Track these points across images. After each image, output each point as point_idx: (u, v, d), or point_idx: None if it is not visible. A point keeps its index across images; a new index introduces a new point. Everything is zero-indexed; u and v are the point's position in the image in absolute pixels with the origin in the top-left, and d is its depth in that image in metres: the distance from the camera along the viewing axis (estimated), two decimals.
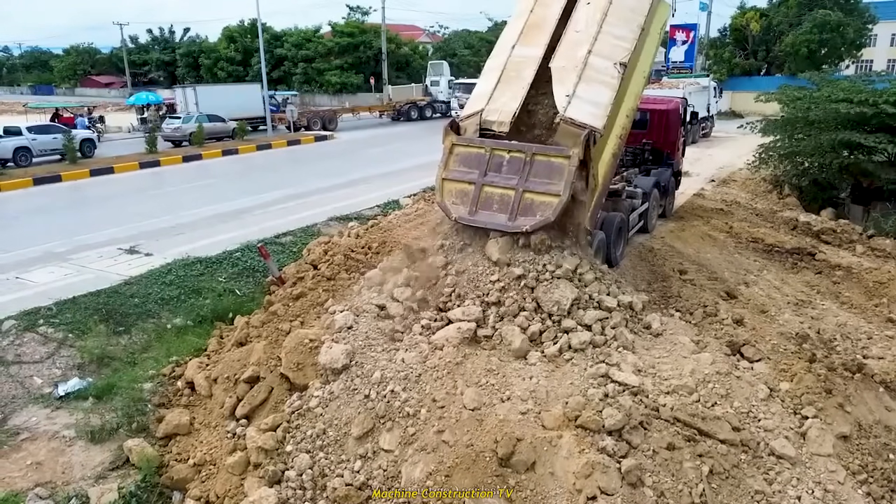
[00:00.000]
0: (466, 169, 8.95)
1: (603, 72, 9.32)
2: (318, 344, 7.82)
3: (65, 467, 7.51)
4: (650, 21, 10.30)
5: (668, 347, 7.92)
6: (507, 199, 8.55)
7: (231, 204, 17.82)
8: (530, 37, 9.89)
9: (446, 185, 9.00)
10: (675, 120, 14.72)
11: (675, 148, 14.96)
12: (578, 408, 6.59)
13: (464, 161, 9.03)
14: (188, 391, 8.86)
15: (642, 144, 14.15)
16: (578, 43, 9.52)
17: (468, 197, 8.76)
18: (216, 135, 31.34)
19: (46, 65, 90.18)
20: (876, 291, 11.34)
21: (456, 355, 7.32)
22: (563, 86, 9.09)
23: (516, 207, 8.44)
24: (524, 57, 9.67)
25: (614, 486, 5.88)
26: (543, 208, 8.34)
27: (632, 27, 9.89)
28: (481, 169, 8.80)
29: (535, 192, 8.45)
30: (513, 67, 9.63)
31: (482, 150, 8.91)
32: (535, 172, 8.53)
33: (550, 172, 8.46)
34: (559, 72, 9.27)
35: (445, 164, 9.08)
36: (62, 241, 14.31)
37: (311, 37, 59.40)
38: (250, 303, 11.26)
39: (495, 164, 8.79)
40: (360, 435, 6.80)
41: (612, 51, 9.51)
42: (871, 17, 44.54)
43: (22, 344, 9.43)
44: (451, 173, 9.02)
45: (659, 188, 13.71)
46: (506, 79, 9.53)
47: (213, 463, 7.41)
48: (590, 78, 9.19)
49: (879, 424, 7.22)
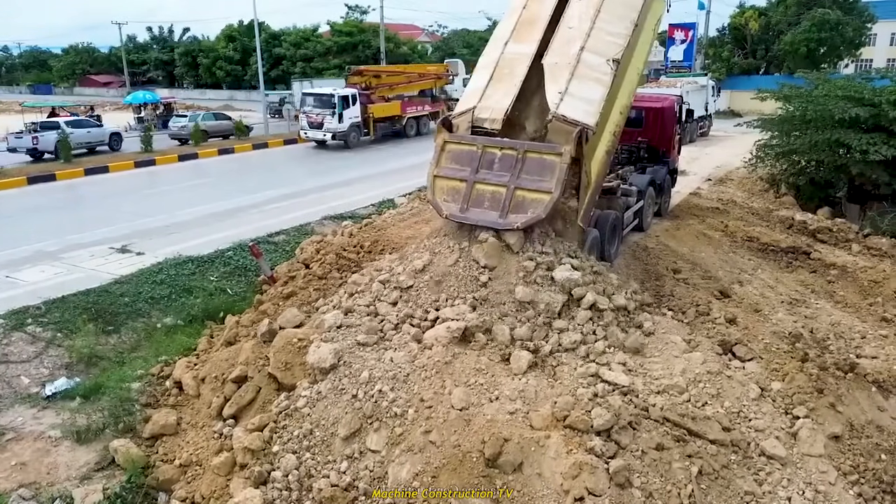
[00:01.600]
0: (458, 166, 8.91)
1: (596, 69, 9.27)
2: (307, 343, 7.75)
3: (50, 468, 7.43)
4: (644, 17, 10.22)
5: (660, 347, 7.85)
6: (498, 197, 8.50)
7: (226, 203, 17.77)
8: (523, 33, 9.84)
9: (437, 183, 8.96)
10: (670, 118, 14.71)
11: (670, 146, 14.93)
12: (567, 408, 6.52)
13: (456, 158, 8.99)
14: (176, 391, 8.79)
15: (638, 142, 14.10)
16: (571, 40, 9.48)
17: (459, 194, 8.71)
18: (221, 133, 32.12)
19: (45, 64, 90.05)
20: (870, 290, 11.26)
21: (445, 355, 7.25)
22: (555, 83, 9.06)
23: (508, 204, 8.40)
24: (517, 54, 9.62)
25: (602, 487, 5.81)
26: (535, 205, 8.31)
27: (625, 23, 9.83)
28: (473, 166, 8.75)
29: (526, 190, 8.42)
30: (505, 64, 9.59)
31: (474, 148, 8.88)
32: (527, 170, 8.50)
33: (542, 170, 8.43)
34: (552, 69, 9.24)
35: (437, 162, 9.06)
36: (54, 240, 14.25)
37: (310, 36, 59.45)
38: (242, 302, 11.20)
39: (487, 162, 8.74)
40: (347, 435, 6.73)
41: (605, 47, 9.46)
42: (870, 16, 44.50)
43: (9, 343, 9.35)
44: (443, 170, 8.99)
45: (654, 186, 13.63)
46: (498, 76, 9.49)
47: (199, 464, 7.34)
48: (582, 75, 9.14)
49: (871, 424, 7.15)
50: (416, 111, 32.54)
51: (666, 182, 14.61)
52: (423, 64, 49.35)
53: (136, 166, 24.68)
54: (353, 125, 28.28)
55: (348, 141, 28.24)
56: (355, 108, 28.17)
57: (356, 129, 28.54)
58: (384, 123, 30.38)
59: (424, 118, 32.99)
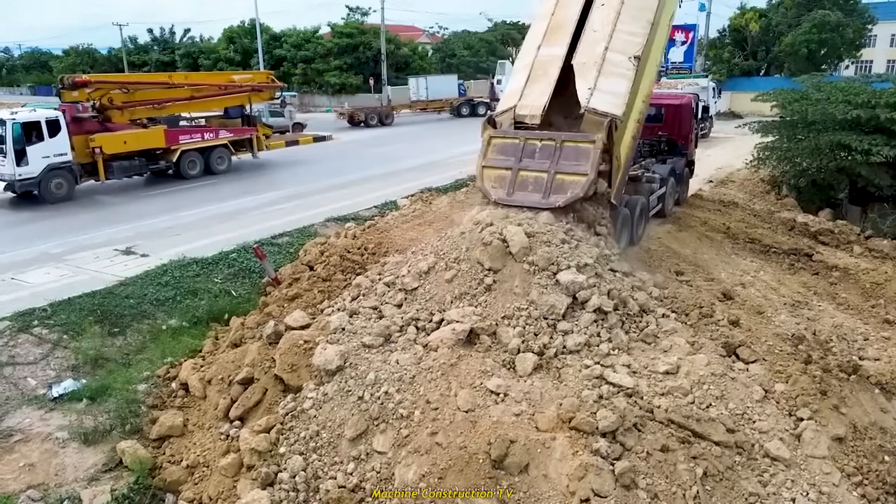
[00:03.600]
0: (503, 157, 10.12)
1: (619, 65, 10.43)
2: (313, 345, 7.80)
3: (57, 469, 7.49)
4: (660, 14, 11.29)
5: (664, 348, 7.89)
6: (540, 181, 9.65)
7: (228, 205, 17.81)
8: (553, 38, 11.07)
9: (486, 172, 10.13)
10: (687, 114, 15.99)
11: (688, 139, 16.20)
12: (572, 409, 6.56)
13: (501, 150, 10.22)
14: (182, 392, 8.84)
15: (658, 136, 15.31)
16: (596, 41, 10.67)
17: (505, 181, 9.87)
18: (280, 129, 33.22)
19: (46, 65, 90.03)
20: (873, 292, 11.31)
21: (450, 357, 7.29)
22: (584, 80, 10.23)
23: (549, 187, 9.53)
24: (549, 56, 10.84)
25: (608, 489, 5.86)
26: (573, 186, 9.47)
27: (642, 23, 10.92)
28: (517, 156, 9.94)
29: (565, 173, 9.58)
30: (539, 66, 10.81)
31: (517, 140, 10.08)
32: (565, 156, 9.67)
33: (578, 156, 9.62)
34: (581, 68, 10.43)
35: (484, 154, 10.30)
36: (58, 241, 14.30)
37: (311, 37, 59.40)
38: (246, 304, 11.23)
39: (529, 152, 9.93)
40: (353, 437, 6.78)
41: (626, 46, 10.61)
42: (870, 17, 44.48)
43: (16, 345, 9.41)
44: (490, 161, 10.19)
45: (674, 175, 14.95)
46: (534, 77, 10.73)
47: (206, 465, 7.39)
48: (608, 72, 10.31)
49: (875, 426, 7.19)
50: (200, 140, 22.40)
51: (684, 172, 15.95)
52: (226, 72, 36.75)
53: None
54: (53, 168, 18.48)
55: (44, 192, 18.42)
56: (56, 140, 18.47)
57: (62, 173, 18.80)
58: (128, 161, 20.52)
59: (221, 149, 23.03)
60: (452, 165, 21.76)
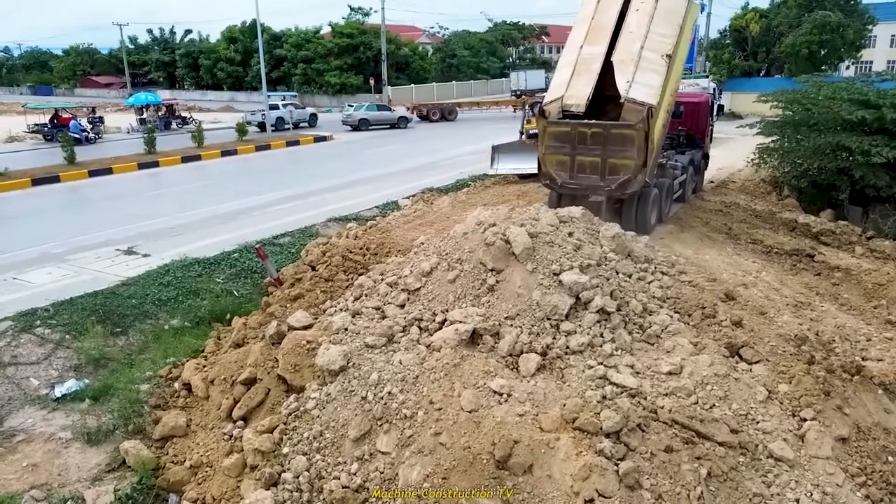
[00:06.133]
0: (559, 144, 11.97)
1: (653, 62, 11.94)
2: (316, 345, 7.79)
3: (61, 469, 7.48)
4: (686, 19, 12.81)
5: (667, 349, 7.88)
6: (595, 165, 11.62)
7: (229, 205, 17.81)
8: (594, 38, 12.51)
9: (547, 158, 12.07)
10: (704, 110, 17.72)
11: (704, 134, 17.80)
12: (576, 410, 6.56)
13: (556, 138, 12.00)
14: (185, 393, 8.83)
15: (678, 131, 16.63)
16: (633, 41, 12.16)
17: (566, 166, 11.92)
18: (382, 123, 36.10)
19: (46, 65, 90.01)
20: (875, 293, 11.31)
21: (453, 357, 7.29)
22: (623, 74, 11.66)
23: (605, 171, 11.52)
24: (591, 54, 12.26)
25: (612, 489, 5.86)
26: (624, 169, 11.43)
27: (672, 26, 12.43)
28: (571, 143, 11.76)
29: (616, 158, 11.46)
30: (582, 62, 12.22)
31: (568, 129, 11.77)
32: (612, 142, 11.43)
33: (624, 142, 11.39)
34: (620, 64, 11.86)
35: (542, 143, 12.09)
36: (60, 241, 14.28)
37: (311, 37, 59.44)
38: (248, 304, 11.23)
39: (580, 139, 11.67)
40: (356, 437, 6.78)
41: (659, 45, 12.11)
42: (870, 18, 44.48)
43: (19, 345, 9.39)
44: (548, 149, 12.07)
45: (693, 165, 16.48)
46: (578, 72, 12.11)
47: (209, 465, 7.38)
48: (644, 67, 11.76)
49: (878, 427, 7.18)
50: None
51: (701, 163, 17.57)
52: None
53: (139, 168, 24.72)
54: None
55: None
56: None
57: None
58: None
59: None
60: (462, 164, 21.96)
